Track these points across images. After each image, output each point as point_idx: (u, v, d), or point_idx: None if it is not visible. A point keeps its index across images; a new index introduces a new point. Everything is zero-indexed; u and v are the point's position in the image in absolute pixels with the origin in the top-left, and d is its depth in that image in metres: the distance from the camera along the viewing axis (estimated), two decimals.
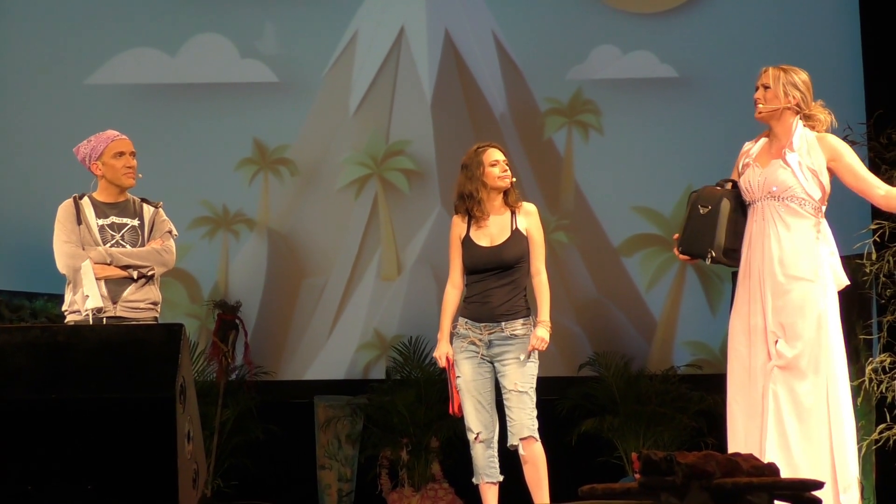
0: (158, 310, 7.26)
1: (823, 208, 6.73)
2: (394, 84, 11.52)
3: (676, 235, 7.00)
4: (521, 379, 7.38)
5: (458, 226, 7.68)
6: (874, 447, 9.01)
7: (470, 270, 7.60)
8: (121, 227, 7.23)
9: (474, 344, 7.54)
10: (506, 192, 7.62)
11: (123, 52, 11.55)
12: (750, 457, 4.83)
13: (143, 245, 7.24)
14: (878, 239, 8.85)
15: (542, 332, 7.38)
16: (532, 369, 7.48)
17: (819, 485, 5.12)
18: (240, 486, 10.33)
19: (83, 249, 7.17)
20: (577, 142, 11.34)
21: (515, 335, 7.43)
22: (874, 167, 9.14)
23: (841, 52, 10.99)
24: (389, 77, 11.53)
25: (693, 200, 6.99)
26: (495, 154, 7.63)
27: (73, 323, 7.00)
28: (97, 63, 11.47)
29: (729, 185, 7.03)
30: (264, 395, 10.75)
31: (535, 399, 7.45)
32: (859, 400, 9.02)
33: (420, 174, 11.45)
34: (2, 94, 11.50)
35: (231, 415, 10.32)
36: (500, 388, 7.48)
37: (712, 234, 6.79)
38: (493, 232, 7.55)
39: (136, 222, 7.29)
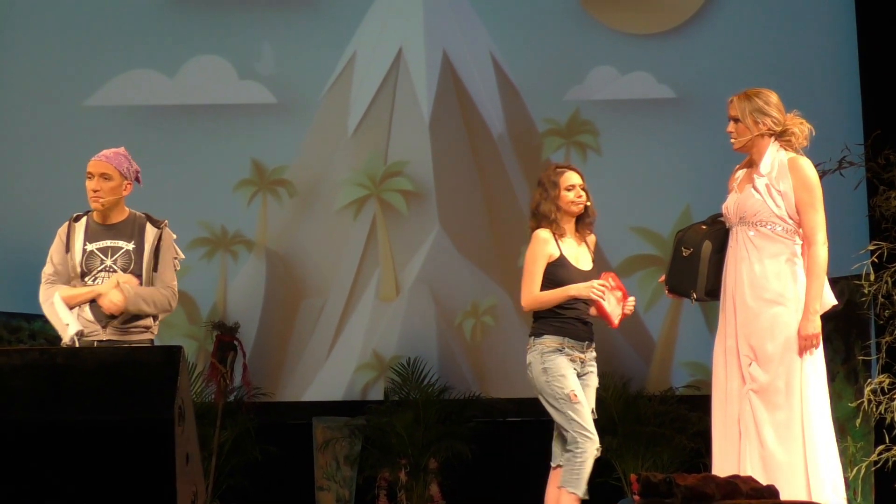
0: (154, 331, 7.20)
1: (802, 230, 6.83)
2: (392, 105, 11.57)
3: (663, 278, 7.17)
4: (593, 405, 7.53)
5: (549, 243, 7.59)
6: (873, 468, 9.02)
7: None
8: (114, 251, 7.10)
9: (574, 362, 7.54)
10: (579, 217, 7.62)
11: (122, 74, 11.58)
12: (749, 479, 4.91)
13: (138, 268, 7.08)
14: (876, 259, 8.83)
15: None
16: None
17: None
18: None
19: (68, 278, 7.10)
20: (575, 162, 10.97)
21: (594, 358, 7.61)
22: (872, 188, 9.28)
23: (838, 73, 11.06)
24: (387, 98, 11.58)
25: (678, 241, 7.14)
26: (572, 178, 7.60)
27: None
28: (96, 85, 11.49)
29: (710, 225, 7.14)
30: (262, 416, 10.78)
31: None
32: (858, 421, 9.14)
33: (418, 195, 11.48)
34: (1, 114, 11.43)
35: (229, 436, 10.35)
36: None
37: (694, 277, 6.95)
38: (578, 255, 7.58)
39: (130, 246, 7.12)
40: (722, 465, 6.69)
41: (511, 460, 10.67)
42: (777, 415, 6.59)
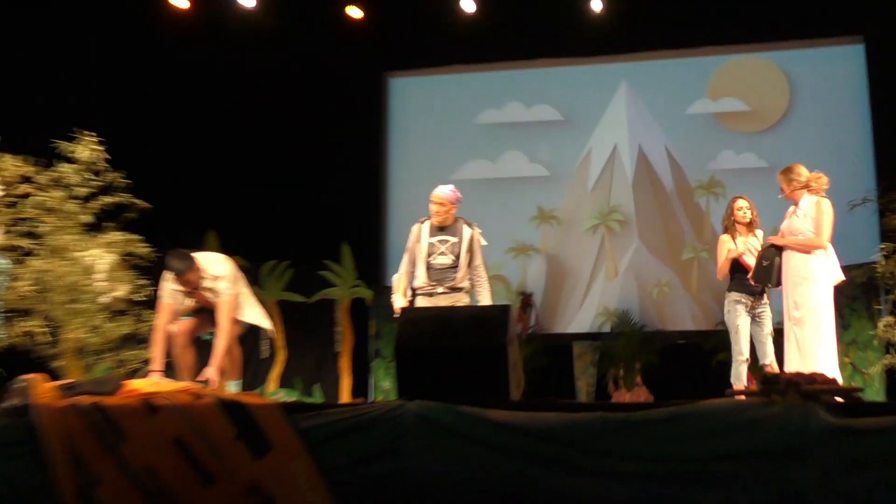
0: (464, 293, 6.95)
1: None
2: (612, 174, 11.51)
3: (750, 275, 7.17)
4: (769, 330, 7.36)
5: (726, 242, 7.53)
6: (885, 369, 8.94)
7: (739, 269, 7.42)
8: (444, 242, 6.90)
9: (746, 306, 7.37)
10: (750, 223, 7.52)
11: (470, 162, 11.72)
12: (822, 374, 4.52)
13: (458, 253, 6.86)
14: (886, 253, 8.64)
15: None
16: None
17: (860, 389, 4.85)
18: (534, 390, 9.33)
19: (414, 257, 6.92)
20: (712, 203, 11.21)
21: (765, 304, 7.38)
22: (882, 213, 9.25)
23: (862, 150, 10.69)
24: (609, 169, 11.53)
25: (760, 256, 7.17)
26: (738, 203, 7.60)
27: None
28: (457, 167, 11.56)
29: (776, 247, 7.02)
30: (546, 341, 10.88)
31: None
32: (875, 342, 9.10)
33: (626, 222, 11.39)
34: (408, 177, 11.62)
35: (528, 352, 10.19)
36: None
37: (769, 277, 7.03)
38: (747, 245, 7.43)
39: (455, 240, 6.90)
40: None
41: (678, 364, 10.41)
42: (805, 334, 6.65)
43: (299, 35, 11.27)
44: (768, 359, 7.38)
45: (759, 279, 7.24)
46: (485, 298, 6.94)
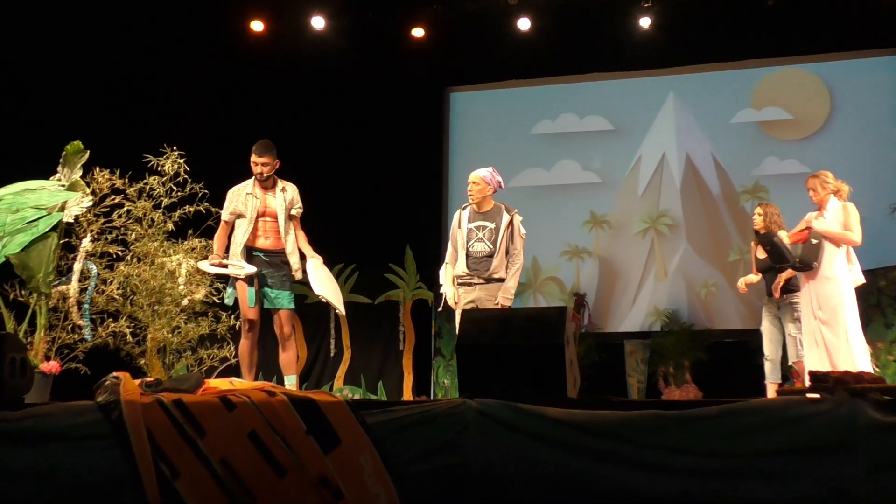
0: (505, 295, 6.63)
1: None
2: (660, 180, 11.46)
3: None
4: (791, 329, 7.40)
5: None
6: None
7: (761, 268, 7.72)
8: (482, 228, 6.68)
9: (769, 305, 7.59)
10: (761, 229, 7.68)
11: (526, 170, 11.65)
12: (868, 373, 4.39)
13: (496, 241, 6.60)
14: None
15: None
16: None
17: None
18: (587, 387, 9.00)
19: (455, 245, 6.75)
20: (753, 208, 10.67)
21: (787, 303, 7.43)
22: None
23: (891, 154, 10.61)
24: (658, 176, 11.47)
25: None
26: (756, 209, 7.91)
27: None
28: (514, 174, 11.44)
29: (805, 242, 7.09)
30: (599, 339, 10.82)
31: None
32: None
33: (675, 226, 11.34)
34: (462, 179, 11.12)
35: (582, 349, 10.26)
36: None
37: (783, 257, 7.09)
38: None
39: (492, 225, 6.67)
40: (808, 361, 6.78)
41: (726, 361, 10.29)
42: (829, 330, 6.67)
43: (366, 54, 11.49)
44: (791, 359, 7.39)
45: (777, 261, 7.22)
46: (509, 285, 6.66)
